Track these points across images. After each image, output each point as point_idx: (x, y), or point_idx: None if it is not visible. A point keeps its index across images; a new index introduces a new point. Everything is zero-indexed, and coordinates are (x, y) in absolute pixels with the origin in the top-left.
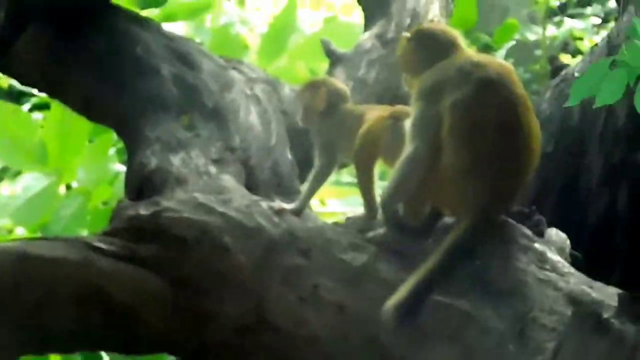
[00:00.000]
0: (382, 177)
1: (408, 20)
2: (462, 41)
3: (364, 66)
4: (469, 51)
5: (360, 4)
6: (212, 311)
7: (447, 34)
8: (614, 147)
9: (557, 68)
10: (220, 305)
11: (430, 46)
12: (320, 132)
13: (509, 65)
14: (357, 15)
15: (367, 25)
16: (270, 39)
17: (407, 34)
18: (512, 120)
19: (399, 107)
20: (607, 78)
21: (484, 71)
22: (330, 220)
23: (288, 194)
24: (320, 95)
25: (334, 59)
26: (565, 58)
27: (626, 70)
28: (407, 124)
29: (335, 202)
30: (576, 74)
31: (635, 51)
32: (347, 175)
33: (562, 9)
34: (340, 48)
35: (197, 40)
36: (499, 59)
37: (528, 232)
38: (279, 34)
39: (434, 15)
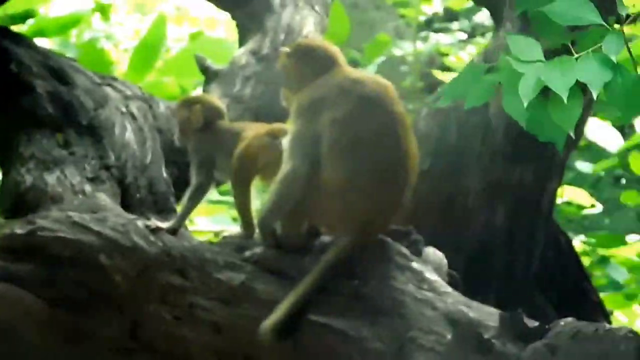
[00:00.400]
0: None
1: (283, 36)
2: (341, 57)
3: (239, 82)
4: (349, 68)
5: (234, 19)
6: (88, 330)
7: (327, 50)
8: (491, 165)
9: (431, 85)
10: (96, 324)
11: (310, 62)
12: (197, 150)
13: (387, 82)
14: (222, 30)
15: (242, 41)
16: (141, 55)
17: (286, 49)
18: (390, 137)
19: (277, 125)
20: (478, 82)
21: (363, 88)
22: (199, 239)
23: (164, 212)
24: (196, 113)
25: (209, 75)
26: (437, 74)
27: (497, 78)
28: (285, 141)
29: (204, 220)
30: None
31: (506, 67)
32: (216, 192)
33: (428, 24)
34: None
35: None
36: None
37: (405, 251)
38: (149, 49)
39: (309, 31)
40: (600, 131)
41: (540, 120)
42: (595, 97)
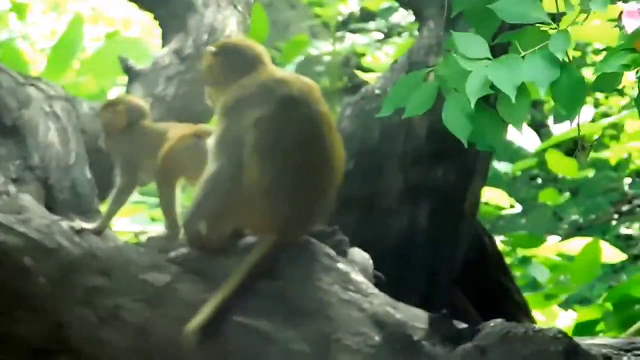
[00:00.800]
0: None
1: (206, 36)
2: (267, 57)
3: (162, 82)
4: (273, 67)
5: (156, 19)
6: (10, 333)
7: (253, 49)
8: (413, 165)
9: (356, 85)
10: (19, 326)
11: (236, 60)
12: (121, 151)
13: (312, 82)
14: (137, 30)
15: (164, 41)
16: (58, 55)
17: (212, 48)
18: (314, 137)
19: (202, 125)
20: (418, 89)
21: (287, 88)
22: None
23: (88, 213)
24: (119, 113)
25: (132, 75)
26: (360, 74)
27: (438, 83)
28: (210, 141)
29: (124, 220)
30: (377, 92)
31: (451, 64)
32: (135, 193)
33: (344, 24)
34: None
35: None
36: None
37: (331, 251)
38: (67, 49)
39: (232, 31)
40: (517, 131)
41: (479, 128)
42: (543, 95)
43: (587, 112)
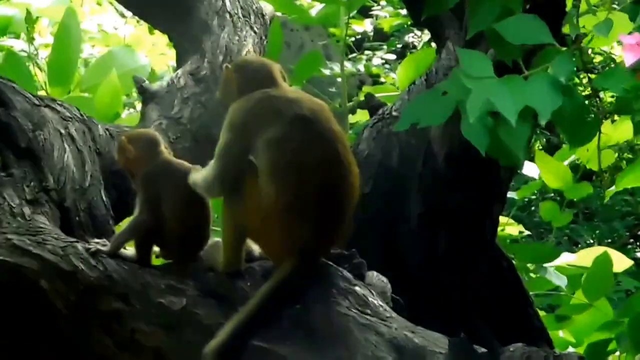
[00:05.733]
0: None
1: (221, 57)
2: (280, 75)
3: (177, 104)
4: (286, 86)
5: (171, 40)
6: (25, 356)
7: (268, 67)
8: (432, 189)
9: (373, 107)
10: (34, 350)
11: (251, 77)
12: (140, 188)
13: (322, 102)
14: (147, 47)
15: (179, 62)
16: (57, 62)
17: (229, 65)
18: (330, 155)
19: None
20: (435, 103)
21: (297, 108)
22: None
23: (103, 235)
24: (127, 151)
25: (147, 96)
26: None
27: (454, 98)
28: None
29: None
30: (394, 113)
31: (456, 81)
32: None
33: (358, 45)
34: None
35: None
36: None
37: (349, 275)
38: (62, 64)
39: (248, 52)
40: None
41: (500, 144)
42: (543, 124)
43: None
